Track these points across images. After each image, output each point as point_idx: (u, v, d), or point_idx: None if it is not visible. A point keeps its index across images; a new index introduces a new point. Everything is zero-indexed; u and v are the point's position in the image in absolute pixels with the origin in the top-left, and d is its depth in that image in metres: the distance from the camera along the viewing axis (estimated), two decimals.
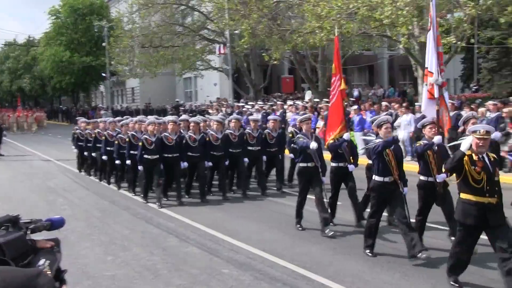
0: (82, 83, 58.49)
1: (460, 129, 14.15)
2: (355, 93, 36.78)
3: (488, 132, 6.97)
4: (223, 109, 30.48)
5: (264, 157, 14.57)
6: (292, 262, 8.30)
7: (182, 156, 13.32)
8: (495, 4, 19.61)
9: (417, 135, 18.28)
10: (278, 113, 24.41)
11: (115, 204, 13.63)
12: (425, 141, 8.57)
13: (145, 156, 13.05)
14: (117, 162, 15.24)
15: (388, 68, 50.95)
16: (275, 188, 14.83)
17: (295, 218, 10.48)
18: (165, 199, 13.63)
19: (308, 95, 33.76)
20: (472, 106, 17.92)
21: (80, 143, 18.31)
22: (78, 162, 19.32)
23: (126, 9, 37.61)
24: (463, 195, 6.97)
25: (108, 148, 15.86)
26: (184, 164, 13.36)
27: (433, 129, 8.62)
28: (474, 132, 7.01)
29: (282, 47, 27.86)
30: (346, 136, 10.22)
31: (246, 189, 14.18)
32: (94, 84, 60.64)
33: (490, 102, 17.97)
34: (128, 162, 14.30)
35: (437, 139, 8.44)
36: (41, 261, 2.50)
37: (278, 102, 27.26)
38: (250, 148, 14.24)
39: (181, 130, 14.08)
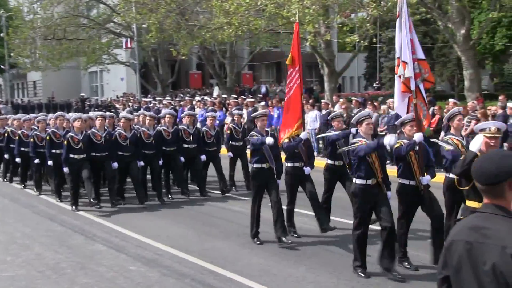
0: None
1: (468, 131, 14.16)
2: (263, 89, 37.18)
3: (499, 130, 6.47)
4: (130, 104, 29.94)
5: (203, 156, 13.33)
6: (200, 257, 8.30)
7: (112, 155, 12.11)
8: (395, 5, 20.43)
9: (323, 131, 18.80)
10: (186, 109, 24.28)
11: (16, 202, 13.09)
12: (405, 141, 7.61)
13: (72, 156, 11.71)
14: (36, 161, 13.59)
15: None
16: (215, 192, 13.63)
17: (250, 229, 9.22)
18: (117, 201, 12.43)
19: (216, 91, 33.82)
20: (375, 104, 18.60)
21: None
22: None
23: None
24: (472, 203, 6.27)
25: (23, 149, 14.29)
26: (114, 165, 12.09)
27: (414, 127, 7.66)
28: (483, 130, 6.50)
29: (190, 43, 27.73)
30: (303, 135, 9.27)
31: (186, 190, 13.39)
32: None
33: (391, 99, 18.74)
34: (50, 162, 12.76)
35: (418, 136, 7.52)
36: None
37: (187, 98, 27.11)
38: (185, 146, 13.19)
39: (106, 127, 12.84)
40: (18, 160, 14.49)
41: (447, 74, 39.60)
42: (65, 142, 11.73)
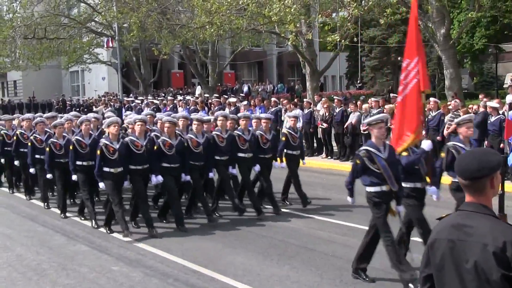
0: None
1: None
2: (245, 88, 37.25)
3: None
4: (111, 103, 29.77)
5: (257, 167, 11.15)
6: (183, 257, 8.30)
7: (154, 167, 9.93)
8: (376, 5, 20.61)
9: (305, 130, 18.88)
10: (168, 108, 24.21)
11: None
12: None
13: (106, 169, 9.58)
14: (48, 176, 11.39)
15: (277, 64, 52.06)
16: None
17: (356, 261, 7.37)
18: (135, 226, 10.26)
19: (198, 90, 33.76)
20: (357, 103, 18.71)
21: (7, 148, 13.60)
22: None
23: None
24: None
25: (38, 156, 11.93)
26: (158, 179, 9.90)
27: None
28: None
29: (172, 42, 27.65)
30: (426, 145, 7.33)
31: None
32: None
33: (373, 98, 18.88)
34: (74, 177, 10.60)
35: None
36: None
37: (169, 97, 27.01)
38: (241, 155, 11.07)
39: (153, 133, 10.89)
40: (32, 170, 12.13)
41: (428, 73, 39.93)
42: (98, 152, 9.49)
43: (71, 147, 10.47)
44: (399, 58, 43.42)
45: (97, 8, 33.50)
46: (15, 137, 13.01)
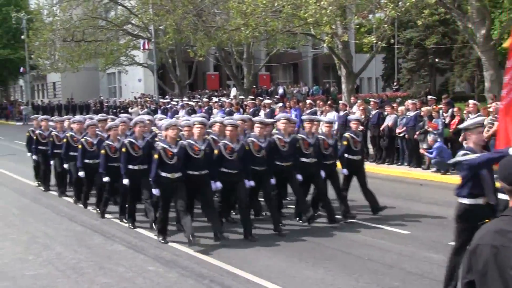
0: None
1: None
2: (280, 90, 37.22)
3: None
4: (147, 105, 30.10)
5: (323, 173, 10.51)
6: (219, 259, 8.32)
7: (213, 173, 9.42)
8: (413, 6, 20.36)
9: (342, 133, 18.75)
10: (203, 110, 24.35)
11: (36, 202, 13.19)
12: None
13: (163, 174, 9.04)
14: (105, 179, 10.89)
15: (312, 66, 51.91)
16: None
17: (445, 285, 6.61)
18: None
19: (233, 92, 33.86)
20: (393, 105, 18.51)
21: (42, 147, 14.18)
22: (37, 172, 15.02)
23: (46, 1, 36.41)
24: None
25: (87, 161, 11.74)
26: (217, 185, 9.45)
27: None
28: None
29: (207, 44, 27.80)
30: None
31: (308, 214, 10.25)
32: (12, 78, 58.23)
33: (409, 101, 18.64)
34: (125, 181, 10.18)
35: None
36: None
37: (204, 99, 27.18)
38: (304, 160, 10.38)
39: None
40: (81, 174, 11.85)
41: (467, 75, 39.32)
42: (156, 156, 8.97)
43: (123, 150, 10.12)
44: (436, 60, 42.96)
45: (134, 11, 34.01)
46: (65, 140, 12.78)
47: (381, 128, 17.52)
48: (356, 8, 23.29)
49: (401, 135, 17.01)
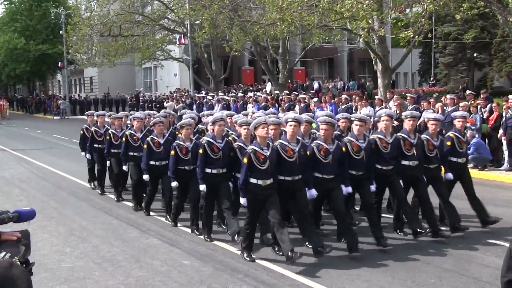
0: (38, 71, 57.15)
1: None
2: (315, 85, 37.03)
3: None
4: (183, 99, 30.32)
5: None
6: (253, 253, 8.30)
7: (307, 179, 8.24)
8: (452, 0, 19.99)
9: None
10: (239, 105, 24.40)
11: (74, 195, 13.41)
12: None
13: (253, 181, 7.88)
14: (173, 184, 9.78)
15: (348, 61, 51.51)
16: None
17: None
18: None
19: (269, 87, 33.85)
20: (430, 100, 18.22)
21: (98, 145, 13.19)
22: (92, 175, 14.03)
23: None
24: None
25: (153, 163, 10.59)
26: (312, 193, 8.21)
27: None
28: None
29: (243, 38, 27.83)
30: None
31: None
32: (50, 72, 59.41)
33: (448, 96, 18.34)
34: (202, 187, 9.00)
35: None
36: (1, 254, 2.44)
37: (239, 94, 27.24)
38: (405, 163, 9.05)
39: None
40: (146, 177, 10.81)
41: (506, 70, 38.52)
42: (245, 161, 7.86)
43: (201, 151, 8.91)
44: (475, 55, 42.16)
45: (170, 6, 34.22)
46: (123, 138, 11.72)
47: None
48: (393, 2, 22.98)
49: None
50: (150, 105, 36.79)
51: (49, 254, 8.48)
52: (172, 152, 9.54)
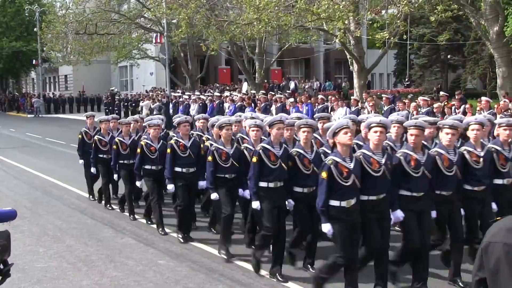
0: (11, 69, 56.26)
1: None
2: (292, 85, 37.16)
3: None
4: (159, 98, 30.18)
5: None
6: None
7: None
8: (426, 2, 20.24)
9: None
10: (215, 105, 24.37)
11: (47, 194, 13.26)
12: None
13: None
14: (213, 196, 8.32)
15: (324, 62, 51.76)
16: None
17: None
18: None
19: (245, 86, 33.85)
20: (405, 101, 18.42)
21: (102, 155, 11.43)
22: (90, 185, 12.51)
23: None
24: None
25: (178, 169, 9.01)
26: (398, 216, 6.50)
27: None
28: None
29: (220, 38, 27.78)
30: None
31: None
32: (24, 70, 58.57)
33: (421, 97, 18.56)
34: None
35: None
36: None
37: (215, 93, 27.21)
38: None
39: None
40: (170, 187, 9.06)
41: (479, 72, 39.06)
42: (210, 159, 8.06)
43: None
44: (449, 56, 42.70)
45: (147, 4, 34.04)
46: (139, 150, 9.70)
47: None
48: (369, 4, 23.15)
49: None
50: (126, 104, 36.55)
51: (21, 254, 8.37)
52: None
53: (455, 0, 19.96)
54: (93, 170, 11.68)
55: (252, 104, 22.64)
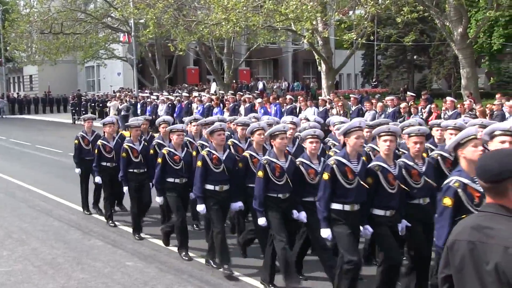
0: None
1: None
2: (260, 86, 37.22)
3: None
4: (127, 99, 29.91)
5: None
6: (198, 253, 8.28)
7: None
8: (393, 3, 20.50)
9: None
10: (183, 105, 24.26)
11: (11, 196, 13.01)
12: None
13: (209, 186, 7.42)
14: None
15: (293, 62, 51.96)
16: None
17: None
18: None
19: (213, 87, 33.80)
20: (372, 101, 18.60)
21: (106, 163, 10.08)
22: (85, 197, 11.15)
23: None
24: None
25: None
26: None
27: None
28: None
29: (188, 38, 27.68)
30: None
31: None
32: None
33: (388, 97, 18.77)
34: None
35: None
36: None
37: (184, 94, 27.09)
38: None
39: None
40: (201, 208, 7.51)
41: (444, 72, 39.69)
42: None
43: (199, 164, 7.43)
44: (415, 57, 43.30)
45: (114, 4, 33.68)
46: (160, 159, 8.19)
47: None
48: (336, 5, 23.35)
49: None
50: (93, 104, 36.11)
51: None
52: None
53: (421, 1, 20.25)
54: (97, 179, 10.23)
55: (221, 105, 22.60)
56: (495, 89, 35.09)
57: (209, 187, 7.39)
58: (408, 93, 21.48)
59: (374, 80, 43.02)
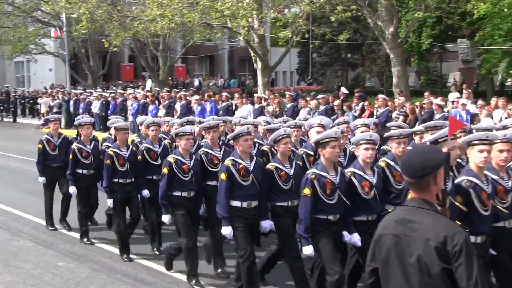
0: None
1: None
2: (196, 83, 37.05)
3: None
4: (59, 95, 29.16)
5: None
6: (132, 252, 8.17)
7: None
8: (327, 2, 20.83)
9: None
10: (118, 102, 23.87)
11: None
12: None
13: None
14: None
15: (229, 59, 51.97)
16: None
17: None
18: None
19: (149, 83, 33.39)
20: (307, 98, 18.85)
21: (82, 171, 8.89)
22: (49, 210, 9.78)
23: None
24: None
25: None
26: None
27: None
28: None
29: (122, 34, 27.20)
30: None
31: None
32: None
33: (321, 95, 19.10)
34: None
35: None
36: None
37: (118, 91, 26.64)
38: None
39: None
40: (227, 231, 6.32)
41: (376, 71, 40.65)
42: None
43: (223, 176, 6.35)
44: (348, 55, 44.15)
45: None
46: (165, 170, 7.03)
47: None
48: (272, 2, 23.51)
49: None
50: (23, 101, 34.98)
51: None
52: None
53: (354, 1, 20.66)
54: (72, 190, 8.85)
55: (156, 102, 22.37)
56: (424, 87, 36.23)
57: (236, 203, 6.29)
58: (342, 89, 21.89)
59: (309, 77, 43.61)
